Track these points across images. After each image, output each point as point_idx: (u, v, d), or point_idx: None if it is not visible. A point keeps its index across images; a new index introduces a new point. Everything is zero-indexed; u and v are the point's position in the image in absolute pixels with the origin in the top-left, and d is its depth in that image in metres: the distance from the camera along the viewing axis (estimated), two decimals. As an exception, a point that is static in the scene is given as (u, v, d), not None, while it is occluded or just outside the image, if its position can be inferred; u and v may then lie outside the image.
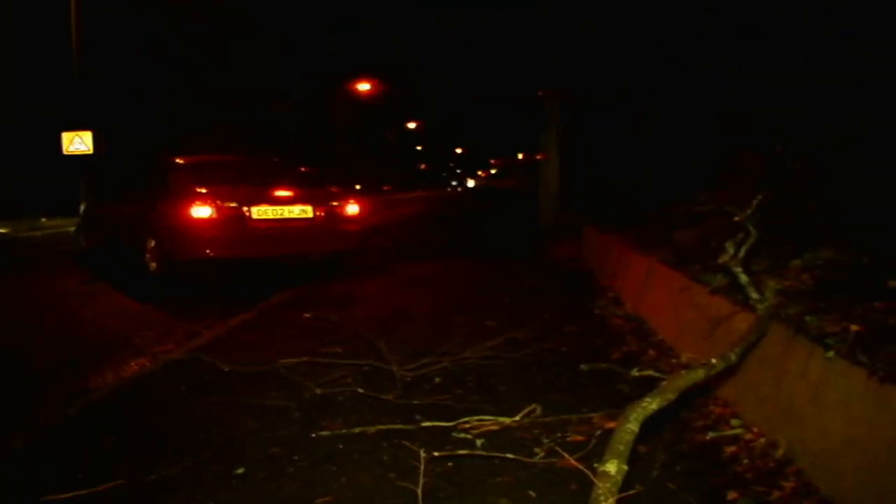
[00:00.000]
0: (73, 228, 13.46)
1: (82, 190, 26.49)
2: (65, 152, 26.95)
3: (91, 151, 26.83)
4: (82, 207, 15.18)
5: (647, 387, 3.06)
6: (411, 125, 65.95)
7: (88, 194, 18.06)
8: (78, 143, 26.87)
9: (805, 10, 7.45)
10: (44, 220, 26.17)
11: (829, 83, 6.64)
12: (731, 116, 7.49)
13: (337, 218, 9.00)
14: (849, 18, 6.87)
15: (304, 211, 8.69)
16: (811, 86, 6.85)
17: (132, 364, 5.51)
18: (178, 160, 9.51)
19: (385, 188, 55.69)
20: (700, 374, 3.18)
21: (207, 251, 8.14)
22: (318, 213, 8.78)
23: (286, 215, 8.54)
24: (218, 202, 8.16)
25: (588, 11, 14.19)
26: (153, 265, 8.90)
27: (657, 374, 3.65)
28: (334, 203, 9.04)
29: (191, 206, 8.10)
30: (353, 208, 9.19)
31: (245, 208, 8.27)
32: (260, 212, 8.35)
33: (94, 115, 27.16)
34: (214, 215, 8.11)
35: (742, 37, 8.61)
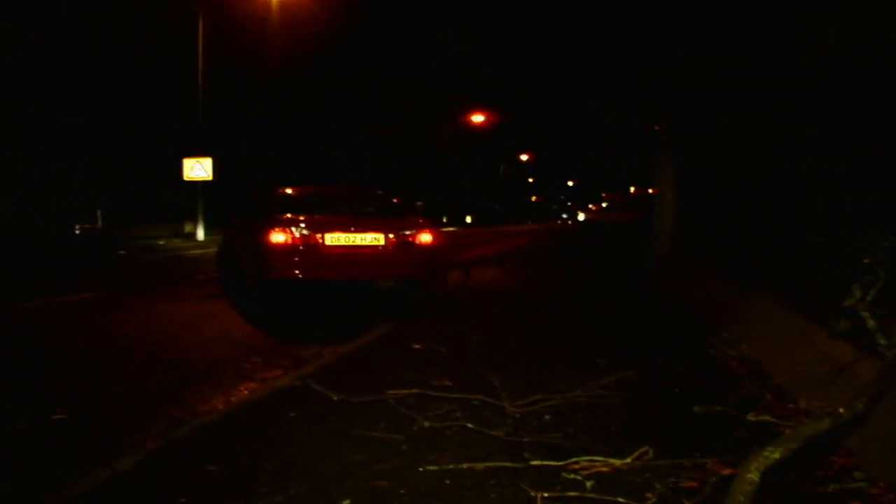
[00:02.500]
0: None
1: (200, 214, 27.89)
2: (185, 178, 28.48)
3: (210, 178, 28.20)
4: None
5: (762, 432, 2.98)
6: (524, 157, 66.14)
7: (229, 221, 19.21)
8: (198, 169, 28.33)
9: None
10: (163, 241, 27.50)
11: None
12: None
13: (408, 246, 9.43)
14: None
15: (375, 238, 9.21)
16: None
17: (242, 389, 5.69)
18: (274, 190, 10.51)
19: (490, 220, 56.00)
20: (826, 423, 3.07)
21: (283, 274, 8.81)
22: (388, 241, 9.25)
23: (357, 242, 9.13)
24: (293, 229, 8.83)
25: (696, 42, 13.89)
26: (247, 285, 9.79)
27: (774, 420, 3.55)
28: (407, 232, 9.46)
29: (271, 232, 8.85)
30: (425, 237, 9.60)
31: (319, 235, 8.89)
32: (333, 238, 8.96)
33: (215, 142, 28.57)
34: (289, 241, 8.79)
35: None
